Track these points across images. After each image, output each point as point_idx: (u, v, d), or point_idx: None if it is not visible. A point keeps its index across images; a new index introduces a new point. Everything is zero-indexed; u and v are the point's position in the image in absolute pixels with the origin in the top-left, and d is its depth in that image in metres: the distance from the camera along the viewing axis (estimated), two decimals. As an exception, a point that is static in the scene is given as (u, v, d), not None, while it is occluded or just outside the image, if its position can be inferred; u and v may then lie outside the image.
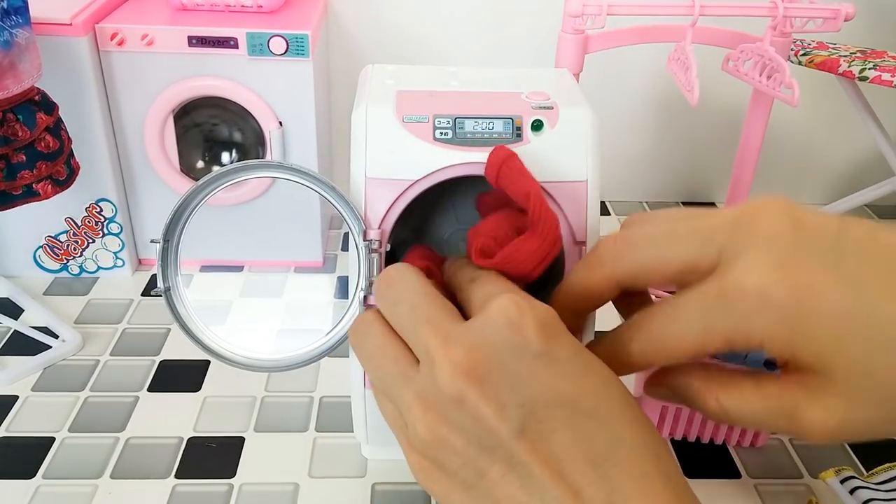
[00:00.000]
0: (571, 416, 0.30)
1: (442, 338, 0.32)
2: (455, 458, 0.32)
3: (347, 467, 0.73)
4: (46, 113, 0.78)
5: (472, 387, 0.30)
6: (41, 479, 0.71)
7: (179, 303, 0.60)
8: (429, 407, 0.32)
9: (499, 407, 0.30)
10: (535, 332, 0.31)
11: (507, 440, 0.30)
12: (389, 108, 0.61)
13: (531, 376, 0.31)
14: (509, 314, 0.32)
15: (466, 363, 0.31)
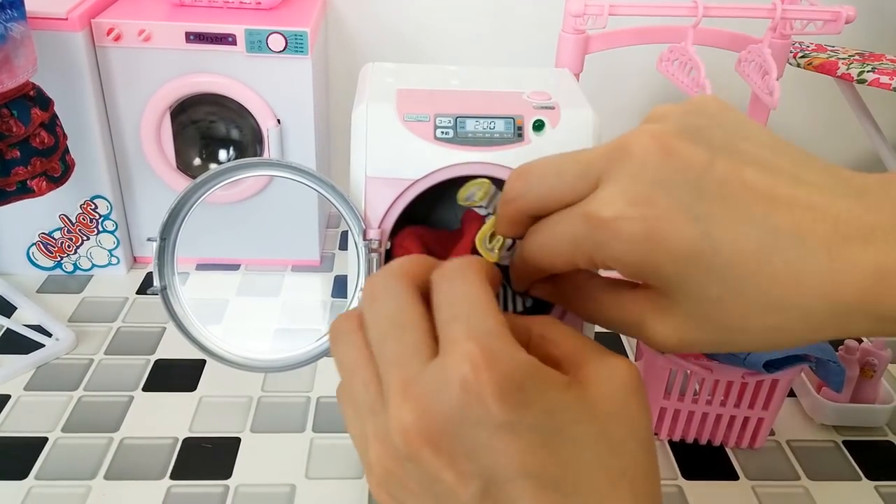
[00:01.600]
0: (533, 488, 0.28)
1: (400, 389, 0.29)
2: (411, 499, 0.30)
3: (345, 468, 0.73)
4: (41, 108, 0.77)
5: (427, 452, 0.28)
6: (33, 479, 0.70)
7: (176, 302, 0.60)
8: (386, 451, 0.30)
9: (457, 473, 0.28)
10: (495, 400, 0.27)
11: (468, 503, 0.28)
12: (390, 106, 0.60)
13: (491, 448, 0.28)
14: (465, 376, 0.27)
15: (418, 427, 0.28)
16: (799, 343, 0.31)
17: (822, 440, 0.79)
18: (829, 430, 0.80)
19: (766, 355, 0.65)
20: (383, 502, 0.32)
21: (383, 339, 0.31)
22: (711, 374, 0.70)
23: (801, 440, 0.79)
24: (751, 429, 0.75)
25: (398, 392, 0.29)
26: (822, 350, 0.67)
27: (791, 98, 1.17)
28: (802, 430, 0.80)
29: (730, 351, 0.36)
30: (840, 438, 0.79)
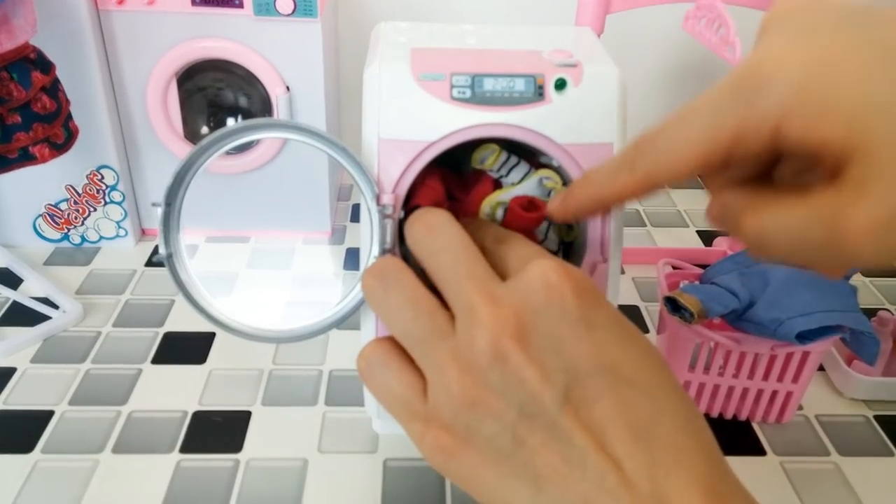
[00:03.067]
0: (614, 384, 0.29)
1: (487, 296, 0.31)
2: (492, 423, 0.30)
3: (358, 442, 0.71)
4: (43, 72, 0.75)
5: (516, 348, 0.29)
6: (40, 453, 0.69)
7: (182, 269, 0.57)
8: (466, 367, 0.30)
9: (543, 371, 0.29)
10: (574, 298, 0.30)
11: (551, 406, 0.29)
12: (404, 65, 0.58)
13: (574, 342, 0.29)
14: (549, 278, 0.30)
15: (512, 324, 0.29)
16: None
17: (853, 415, 0.76)
18: (860, 405, 0.77)
19: (799, 325, 0.63)
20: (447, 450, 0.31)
21: (457, 259, 0.33)
22: (738, 346, 0.68)
23: (831, 415, 0.76)
24: (779, 403, 0.73)
25: (485, 301, 0.30)
26: (856, 321, 0.64)
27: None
28: (832, 405, 0.77)
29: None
30: (871, 413, 0.76)
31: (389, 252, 0.56)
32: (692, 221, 1.15)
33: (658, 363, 0.31)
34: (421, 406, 0.32)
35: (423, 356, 0.32)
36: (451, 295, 0.32)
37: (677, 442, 0.28)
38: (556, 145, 0.57)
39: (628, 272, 1.00)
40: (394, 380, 0.33)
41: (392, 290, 0.34)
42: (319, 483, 0.66)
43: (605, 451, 0.27)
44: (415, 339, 0.33)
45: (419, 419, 0.32)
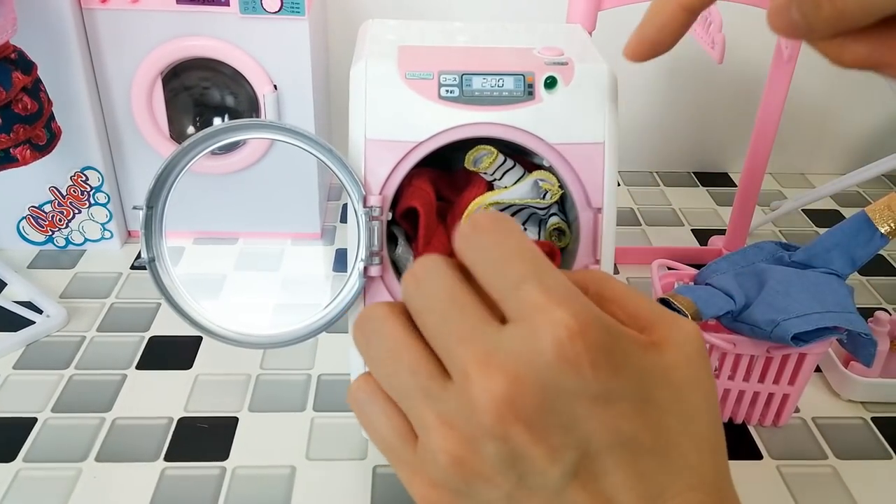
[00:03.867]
0: (628, 455, 0.27)
1: (480, 360, 0.27)
2: (486, 491, 0.27)
3: (347, 449, 0.69)
4: (24, 72, 0.73)
5: (518, 426, 0.26)
6: (22, 462, 0.67)
7: (165, 274, 0.56)
8: (457, 437, 0.27)
9: (550, 449, 0.26)
10: (591, 370, 0.26)
11: (557, 482, 0.26)
12: (391, 63, 0.56)
13: (587, 418, 0.27)
14: (562, 346, 0.26)
15: (511, 398, 0.26)
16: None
17: (850, 417, 0.75)
18: (857, 407, 0.76)
19: (795, 327, 0.61)
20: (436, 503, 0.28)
21: (443, 318, 0.29)
22: (734, 348, 0.66)
23: (828, 417, 0.75)
24: (775, 406, 0.71)
25: (479, 364, 0.27)
26: (853, 322, 0.63)
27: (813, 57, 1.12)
28: (829, 407, 0.76)
29: None
30: (869, 415, 0.75)
31: (377, 254, 0.55)
32: (687, 220, 1.14)
33: (679, 420, 0.28)
34: (408, 454, 0.30)
35: (410, 412, 0.30)
36: (444, 358, 0.29)
37: (690, 501, 0.26)
38: (546, 145, 0.55)
39: (622, 272, 0.99)
40: (380, 421, 0.31)
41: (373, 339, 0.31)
42: (307, 491, 0.65)
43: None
44: (399, 395, 0.30)
45: (406, 466, 0.30)
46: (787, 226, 1.14)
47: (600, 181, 0.57)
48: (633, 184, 1.25)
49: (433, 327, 0.29)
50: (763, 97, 0.89)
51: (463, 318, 0.28)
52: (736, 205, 0.97)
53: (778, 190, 1.26)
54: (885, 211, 0.66)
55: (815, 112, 1.26)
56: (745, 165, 0.93)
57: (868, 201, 1.15)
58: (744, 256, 0.72)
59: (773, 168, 1.31)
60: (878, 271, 1.01)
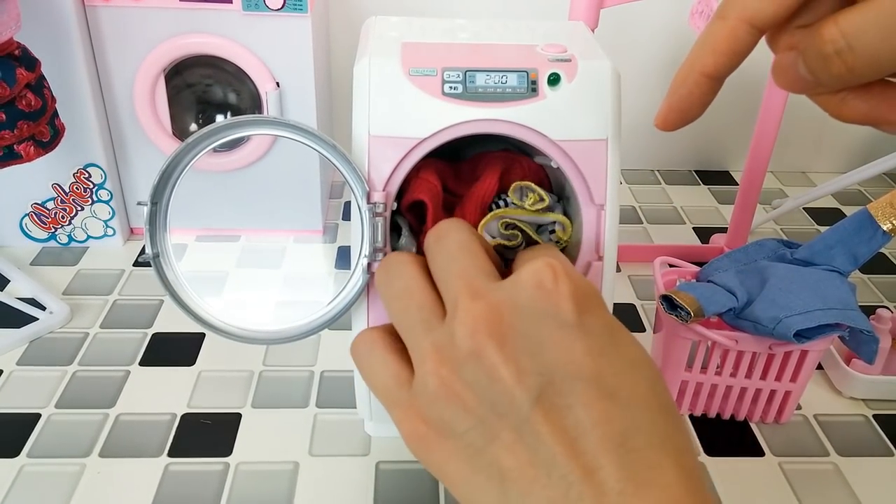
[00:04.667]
0: (592, 393, 0.28)
1: (470, 291, 0.31)
2: (464, 418, 0.29)
3: (350, 445, 0.69)
4: (27, 69, 0.73)
5: (490, 345, 0.29)
6: (26, 457, 0.67)
7: (169, 269, 0.56)
8: (444, 360, 0.30)
9: (517, 371, 0.28)
10: (567, 301, 0.29)
11: (522, 406, 0.28)
12: (395, 60, 0.56)
13: (555, 345, 0.29)
14: (542, 277, 0.30)
15: (487, 319, 0.29)
16: None
17: (852, 414, 0.75)
18: (859, 404, 0.77)
19: (797, 324, 0.62)
20: (423, 440, 0.31)
21: (452, 258, 0.33)
22: (736, 345, 0.67)
23: (830, 414, 0.75)
24: (777, 403, 0.72)
25: (468, 294, 0.30)
26: (855, 319, 0.63)
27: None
28: (830, 404, 0.76)
29: None
30: (870, 412, 0.76)
31: (380, 251, 0.55)
32: (689, 218, 1.14)
33: (645, 375, 0.30)
34: (403, 394, 0.32)
35: (412, 345, 0.33)
36: (443, 294, 0.33)
37: (653, 458, 0.27)
38: (549, 141, 0.56)
39: (624, 270, 0.99)
40: (379, 366, 0.34)
41: (393, 279, 0.35)
42: (311, 487, 0.65)
43: (577, 459, 0.27)
44: (405, 328, 0.33)
45: (400, 406, 0.32)
46: (788, 224, 1.14)
47: (603, 177, 0.57)
48: (634, 182, 1.25)
49: (440, 264, 0.35)
50: (764, 96, 0.89)
51: (470, 259, 0.33)
52: (737, 203, 0.97)
53: (779, 188, 1.26)
54: (887, 208, 0.66)
55: (816, 111, 1.25)
56: (746, 164, 0.94)
57: (869, 199, 1.15)
58: (746, 254, 0.72)
59: (775, 166, 1.31)
60: (879, 269, 1.01)
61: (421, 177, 0.57)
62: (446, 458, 0.30)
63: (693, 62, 0.30)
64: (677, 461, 0.27)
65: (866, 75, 0.25)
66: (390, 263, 0.37)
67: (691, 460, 0.28)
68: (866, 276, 1.00)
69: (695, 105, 0.31)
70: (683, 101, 0.31)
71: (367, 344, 0.35)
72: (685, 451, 0.28)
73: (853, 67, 0.25)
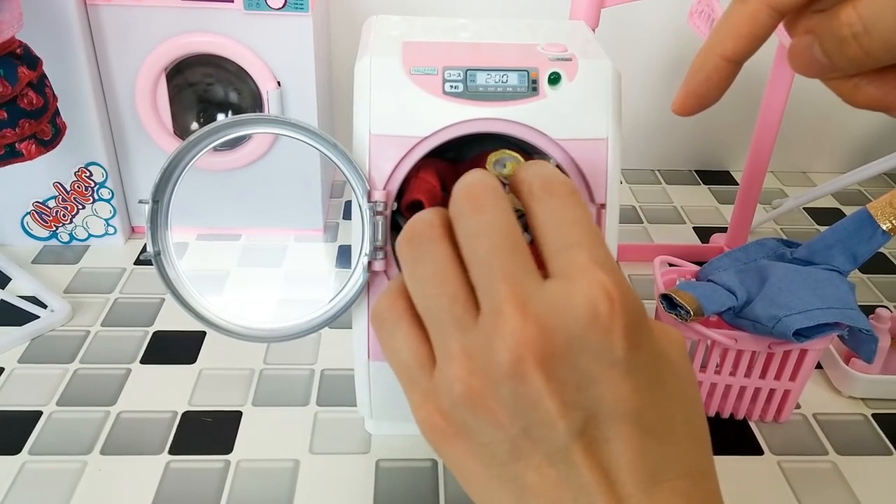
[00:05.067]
0: (633, 430, 0.28)
1: (518, 304, 0.28)
2: (491, 432, 0.28)
3: (350, 443, 0.70)
4: (29, 67, 0.74)
5: (537, 373, 0.27)
6: (27, 454, 0.67)
7: (170, 267, 0.56)
8: (476, 370, 0.28)
9: (562, 404, 0.27)
10: (621, 338, 0.27)
11: (561, 438, 0.27)
12: (395, 59, 0.56)
13: (604, 383, 0.27)
14: (599, 309, 0.27)
15: (540, 345, 0.27)
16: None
17: (851, 413, 0.76)
18: (858, 403, 0.77)
19: (796, 323, 0.62)
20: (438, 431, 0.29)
21: (493, 250, 0.29)
22: (735, 344, 0.67)
23: (829, 413, 0.75)
24: (776, 402, 0.72)
25: (516, 307, 0.27)
26: (854, 318, 0.63)
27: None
28: (830, 403, 0.77)
29: None
30: (869, 412, 0.76)
31: (381, 249, 0.55)
32: (689, 218, 1.14)
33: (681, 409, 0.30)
34: (424, 380, 0.30)
35: (436, 337, 0.30)
36: (481, 287, 0.29)
37: (679, 487, 0.27)
38: (550, 140, 0.56)
39: (624, 269, 0.99)
40: (402, 342, 0.31)
41: (422, 259, 0.31)
42: (311, 484, 0.65)
43: (609, 488, 0.27)
44: (432, 318, 0.30)
45: (419, 391, 0.30)
46: (788, 224, 1.14)
47: (603, 177, 0.57)
48: (634, 181, 1.25)
49: (480, 255, 0.30)
50: (765, 95, 0.89)
51: (513, 256, 0.29)
52: (737, 203, 0.97)
53: (779, 188, 1.26)
54: (886, 208, 0.66)
55: (816, 111, 1.27)
56: (746, 163, 0.94)
57: (869, 199, 1.15)
58: (745, 253, 0.72)
59: (775, 166, 1.31)
60: (879, 269, 1.02)
61: (420, 177, 0.57)
62: (463, 456, 0.29)
63: (712, 46, 0.30)
64: (702, 486, 0.28)
65: (882, 59, 0.25)
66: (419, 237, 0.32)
67: (714, 484, 0.29)
68: (866, 275, 1.00)
69: (713, 89, 0.30)
70: (702, 86, 0.31)
71: (393, 317, 0.32)
72: (710, 476, 0.29)
73: (869, 51, 0.25)
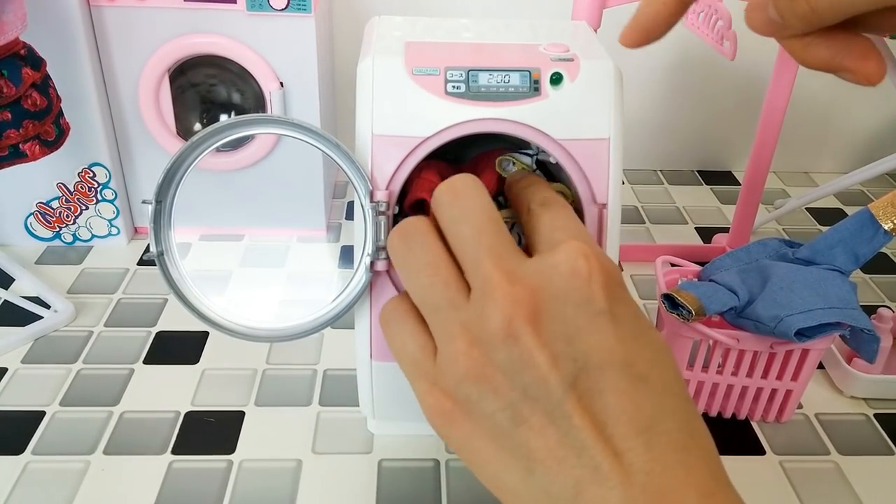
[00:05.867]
0: (623, 379, 0.29)
1: (505, 273, 0.30)
2: (493, 400, 0.30)
3: (353, 443, 0.70)
4: (33, 68, 0.74)
5: (528, 329, 0.29)
6: (30, 454, 0.68)
7: (173, 267, 0.56)
8: (475, 341, 0.30)
9: (552, 356, 0.29)
10: (600, 289, 0.30)
11: (556, 391, 0.28)
12: (398, 59, 0.57)
13: (589, 332, 0.29)
14: (578, 265, 0.30)
15: (527, 304, 0.29)
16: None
17: (853, 413, 0.76)
18: (860, 403, 0.77)
19: (798, 322, 0.62)
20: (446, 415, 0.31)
21: (478, 231, 0.32)
22: (737, 344, 0.67)
23: (831, 413, 0.75)
24: (778, 402, 0.72)
25: (503, 278, 0.30)
26: (856, 318, 0.63)
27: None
28: (831, 403, 0.77)
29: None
30: (871, 412, 0.76)
31: (383, 249, 0.55)
32: (691, 218, 1.14)
33: (669, 363, 0.31)
34: (429, 367, 0.32)
35: (435, 323, 0.32)
36: (469, 267, 0.32)
37: (679, 441, 0.28)
38: (552, 140, 0.56)
39: (626, 270, 0.99)
40: (408, 336, 0.34)
41: (414, 252, 0.34)
42: (313, 484, 0.66)
43: (606, 442, 0.27)
44: (429, 306, 0.33)
45: (425, 379, 0.32)
46: (790, 224, 1.14)
47: (605, 177, 0.57)
48: (636, 182, 1.25)
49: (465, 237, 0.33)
50: (767, 96, 0.89)
51: (496, 235, 0.32)
52: (740, 203, 0.97)
53: (781, 188, 1.26)
54: (888, 208, 0.66)
55: (818, 111, 1.27)
56: (748, 164, 0.94)
57: (871, 200, 1.15)
58: (747, 253, 0.72)
59: (777, 167, 1.31)
60: (881, 269, 1.02)
61: (422, 176, 0.58)
62: (470, 435, 0.30)
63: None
64: (700, 444, 0.29)
65: (827, 18, 0.27)
66: (409, 232, 0.35)
67: (711, 444, 0.29)
68: (867, 275, 1.00)
69: (661, 24, 0.32)
70: (649, 20, 0.32)
71: (399, 313, 0.34)
72: (706, 436, 0.29)
73: (816, 8, 0.26)
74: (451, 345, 0.30)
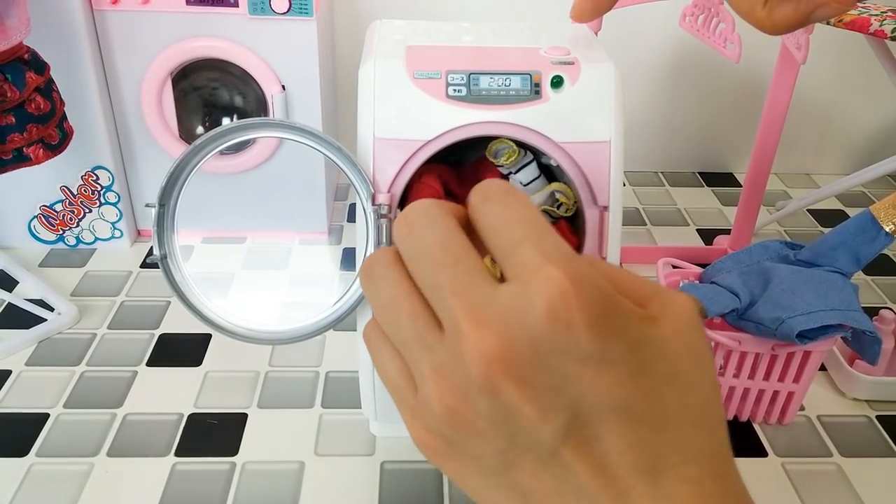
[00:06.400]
0: (622, 422, 0.26)
1: (472, 315, 0.27)
2: (478, 444, 0.28)
3: (355, 445, 0.70)
4: (37, 72, 0.74)
5: (508, 385, 0.26)
6: (34, 457, 0.68)
7: (177, 270, 0.57)
8: (449, 388, 0.27)
9: (541, 409, 0.26)
10: (585, 330, 0.26)
11: (548, 443, 0.26)
12: (399, 63, 0.57)
13: (578, 379, 0.26)
14: (555, 307, 0.26)
15: (501, 355, 0.26)
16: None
17: (855, 415, 0.76)
18: (862, 405, 0.77)
19: (800, 324, 0.62)
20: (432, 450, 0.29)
21: (436, 267, 0.28)
22: (739, 346, 0.67)
23: (833, 415, 0.75)
24: (780, 403, 0.72)
25: (470, 319, 0.26)
26: (858, 320, 0.63)
27: (818, 57, 1.13)
28: (833, 405, 0.77)
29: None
30: (873, 413, 0.76)
31: (385, 252, 0.55)
32: (692, 220, 1.15)
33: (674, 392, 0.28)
34: (410, 397, 0.30)
35: (409, 360, 0.30)
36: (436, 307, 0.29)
37: (689, 473, 0.26)
38: (553, 143, 0.56)
39: (628, 271, 0.99)
40: (387, 360, 0.31)
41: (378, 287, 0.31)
42: (316, 486, 0.66)
43: (609, 485, 0.26)
44: (399, 341, 0.30)
45: (408, 409, 0.30)
46: (792, 225, 1.14)
47: (606, 179, 0.58)
48: (638, 184, 1.25)
49: (425, 276, 0.29)
50: (768, 97, 0.89)
51: (456, 268, 0.28)
52: (741, 205, 0.97)
53: (783, 190, 1.26)
54: (889, 209, 0.66)
55: (820, 112, 1.27)
56: (750, 165, 0.94)
57: (873, 201, 1.15)
58: (749, 255, 0.72)
59: (778, 168, 1.31)
60: (882, 271, 1.02)
61: (423, 181, 0.58)
62: (461, 470, 0.29)
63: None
64: (716, 470, 0.27)
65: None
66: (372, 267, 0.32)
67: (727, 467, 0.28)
68: (869, 277, 1.00)
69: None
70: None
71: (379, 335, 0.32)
72: (720, 459, 0.28)
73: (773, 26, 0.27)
74: (425, 387, 0.28)
